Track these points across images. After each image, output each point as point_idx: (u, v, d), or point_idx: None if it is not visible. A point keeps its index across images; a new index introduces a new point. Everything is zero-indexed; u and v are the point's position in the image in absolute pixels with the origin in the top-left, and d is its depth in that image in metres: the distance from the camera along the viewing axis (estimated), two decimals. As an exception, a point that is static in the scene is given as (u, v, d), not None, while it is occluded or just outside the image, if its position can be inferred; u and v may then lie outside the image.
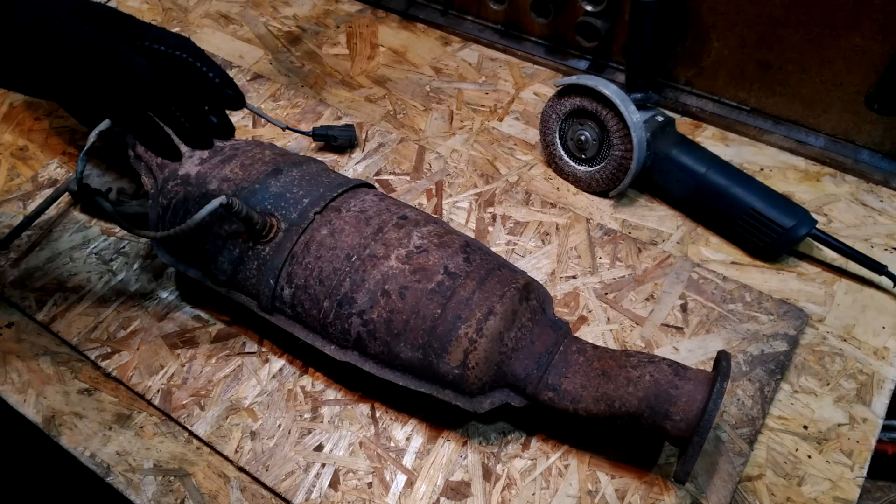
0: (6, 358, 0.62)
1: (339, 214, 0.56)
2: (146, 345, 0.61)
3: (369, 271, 0.52)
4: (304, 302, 0.54)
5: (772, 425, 0.55)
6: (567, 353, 0.51)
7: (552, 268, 0.65)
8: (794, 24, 0.66)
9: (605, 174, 0.68)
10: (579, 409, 0.50)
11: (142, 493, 0.54)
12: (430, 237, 0.54)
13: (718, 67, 0.73)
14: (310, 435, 0.56)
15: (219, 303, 0.64)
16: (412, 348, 0.51)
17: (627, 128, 0.64)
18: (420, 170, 0.73)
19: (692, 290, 0.62)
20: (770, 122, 0.73)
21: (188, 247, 0.59)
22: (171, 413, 0.57)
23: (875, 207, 0.68)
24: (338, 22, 0.92)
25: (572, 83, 0.66)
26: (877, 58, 0.64)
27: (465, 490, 0.52)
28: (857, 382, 0.57)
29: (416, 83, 0.83)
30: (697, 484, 0.52)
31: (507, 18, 0.85)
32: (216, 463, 0.55)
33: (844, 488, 0.51)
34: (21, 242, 0.69)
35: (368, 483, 0.53)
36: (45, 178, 0.75)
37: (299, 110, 0.80)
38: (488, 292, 0.51)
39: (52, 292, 0.65)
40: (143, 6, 0.96)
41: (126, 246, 0.69)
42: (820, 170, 0.71)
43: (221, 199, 0.51)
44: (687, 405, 0.47)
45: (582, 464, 0.53)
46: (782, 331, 0.59)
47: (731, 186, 0.64)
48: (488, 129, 0.77)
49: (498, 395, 0.52)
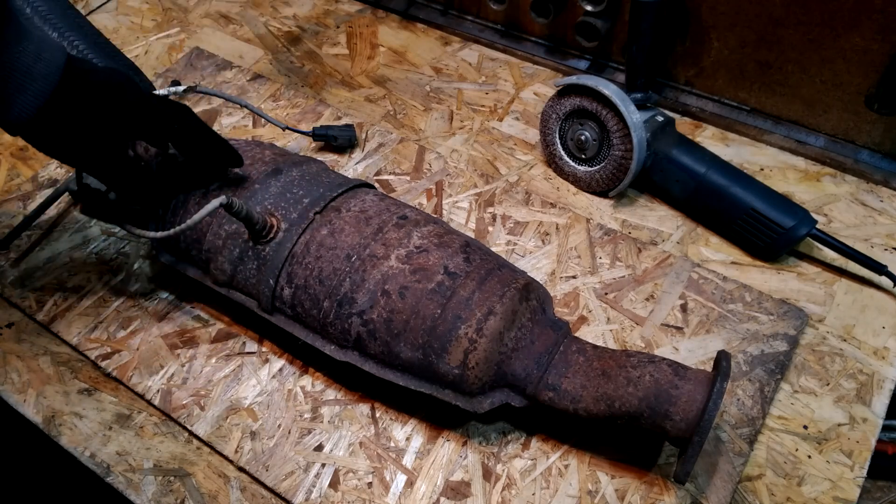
0: (6, 358, 0.62)
1: (339, 214, 0.56)
2: (146, 345, 0.61)
3: (369, 271, 0.52)
4: (304, 302, 0.54)
5: (772, 425, 0.55)
6: (567, 353, 0.51)
7: (552, 268, 0.65)
8: (793, 24, 0.66)
9: (605, 174, 0.68)
10: (579, 409, 0.50)
11: (142, 493, 0.54)
12: (430, 237, 0.54)
13: (718, 67, 0.73)
14: (310, 435, 0.56)
15: (219, 303, 0.64)
16: (412, 348, 0.51)
17: (627, 128, 0.64)
18: (420, 170, 0.73)
19: (692, 290, 0.62)
20: (770, 122, 0.73)
21: (188, 247, 0.59)
22: (171, 413, 0.57)
23: (875, 207, 0.68)
24: (338, 22, 0.92)
25: (572, 83, 0.66)
26: (877, 58, 0.64)
27: (465, 490, 0.52)
28: (857, 382, 0.57)
29: (416, 83, 0.83)
30: (697, 484, 0.52)
31: (507, 18, 0.85)
32: (216, 463, 0.55)
33: (844, 488, 0.51)
34: (21, 242, 0.69)
35: (368, 483, 0.53)
36: (45, 178, 0.75)
37: (299, 110, 0.80)
38: (488, 292, 0.51)
39: (52, 292, 0.65)
40: (143, 6, 0.96)
41: (126, 246, 0.69)
42: (820, 170, 0.71)
43: (221, 199, 0.51)
44: (687, 405, 0.47)
45: (582, 464, 0.53)
46: (782, 331, 0.59)
47: (730, 186, 0.64)
48: (488, 129, 0.77)
49: (498, 395, 0.52)
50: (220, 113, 0.80)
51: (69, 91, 0.46)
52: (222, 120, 0.79)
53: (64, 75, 0.46)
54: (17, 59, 0.44)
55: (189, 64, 0.86)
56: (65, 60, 0.46)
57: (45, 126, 0.47)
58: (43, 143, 0.48)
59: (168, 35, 0.91)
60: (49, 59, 0.45)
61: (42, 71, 0.45)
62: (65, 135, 0.48)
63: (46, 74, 0.45)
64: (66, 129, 0.47)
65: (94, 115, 0.48)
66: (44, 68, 0.45)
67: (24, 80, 0.44)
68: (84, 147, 0.49)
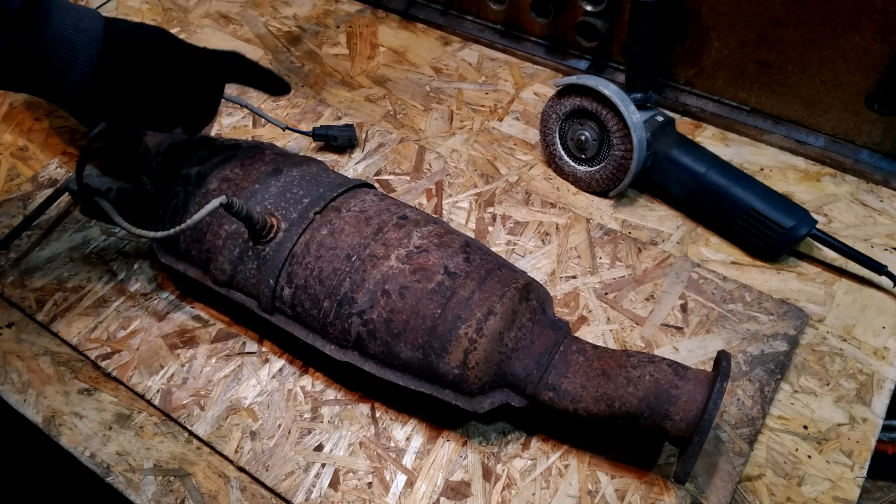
0: (6, 358, 0.62)
1: (339, 214, 0.56)
2: (146, 345, 0.61)
3: (369, 271, 0.52)
4: (305, 302, 0.54)
5: (772, 425, 0.55)
6: (567, 353, 0.51)
7: (552, 268, 0.65)
8: (793, 24, 0.66)
9: (605, 174, 0.68)
10: (579, 409, 0.50)
11: (142, 493, 0.54)
12: (430, 237, 0.54)
13: (718, 67, 0.73)
14: (310, 435, 0.56)
15: (219, 303, 0.64)
16: (412, 348, 0.51)
17: (627, 128, 0.64)
18: (420, 170, 0.73)
19: (692, 290, 0.62)
20: (770, 122, 0.73)
21: (188, 247, 0.59)
22: (171, 413, 0.57)
23: (875, 207, 0.68)
24: (338, 22, 0.92)
25: (572, 83, 0.66)
26: (877, 58, 0.64)
27: (465, 490, 0.52)
28: (857, 382, 0.57)
29: (416, 83, 0.83)
30: (697, 484, 0.52)
31: (507, 18, 0.85)
32: (216, 463, 0.55)
33: (844, 488, 0.51)
34: (21, 242, 0.69)
35: (368, 483, 0.53)
36: (45, 178, 0.75)
37: (299, 110, 0.80)
38: (488, 292, 0.51)
39: (52, 292, 0.65)
40: (143, 6, 0.96)
41: (126, 246, 0.69)
42: (820, 170, 0.71)
43: (221, 199, 0.51)
44: (687, 405, 0.47)
45: (582, 464, 0.53)
46: (782, 331, 0.59)
47: (730, 186, 0.64)
48: (488, 129, 0.77)
49: (498, 395, 0.52)
50: (219, 113, 0.80)
51: (114, 54, 0.47)
52: (222, 120, 0.79)
53: (105, 41, 0.46)
54: (58, 33, 0.44)
55: (189, 64, 0.86)
56: (103, 27, 0.47)
57: (99, 93, 0.47)
58: (105, 111, 0.49)
59: (168, 35, 0.91)
60: (88, 27, 0.46)
61: (83, 40, 0.45)
62: (121, 97, 0.48)
63: (88, 43, 0.45)
64: (120, 91, 0.48)
65: (145, 70, 0.49)
66: (84, 38, 0.45)
67: (69, 55, 0.45)
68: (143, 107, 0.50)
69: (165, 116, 0.52)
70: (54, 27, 0.44)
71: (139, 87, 0.49)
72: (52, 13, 0.44)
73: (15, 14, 0.42)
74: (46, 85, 0.45)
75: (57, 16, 0.44)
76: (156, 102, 0.50)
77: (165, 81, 0.50)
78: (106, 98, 0.48)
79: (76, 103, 0.47)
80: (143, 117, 0.51)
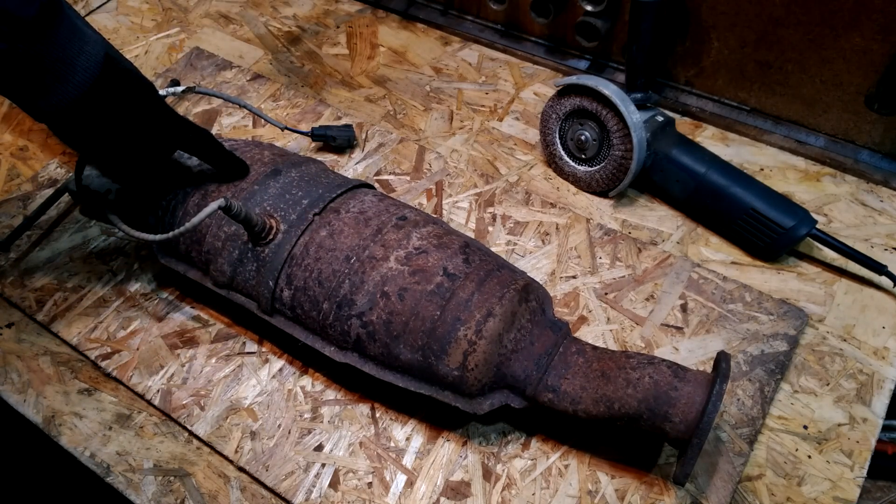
0: (6, 358, 0.62)
1: (338, 216, 0.56)
2: (146, 345, 0.61)
3: (368, 273, 0.52)
4: (304, 303, 0.54)
5: (772, 425, 0.55)
6: (566, 355, 0.51)
7: (552, 268, 0.65)
8: (793, 24, 0.66)
9: (605, 174, 0.68)
10: (579, 410, 0.50)
11: (142, 493, 0.54)
12: (430, 238, 0.54)
13: (718, 67, 0.73)
14: (310, 435, 0.56)
15: (219, 303, 0.64)
16: (411, 350, 0.51)
17: (627, 128, 0.64)
18: (420, 170, 0.73)
19: (692, 290, 0.62)
20: (770, 122, 0.73)
21: (188, 248, 0.59)
22: (171, 413, 0.57)
23: (875, 207, 0.68)
24: (338, 22, 0.92)
25: (572, 83, 0.66)
26: (877, 58, 0.64)
27: (465, 490, 0.53)
28: (857, 382, 0.57)
29: (416, 83, 0.83)
30: (697, 484, 0.52)
31: (507, 18, 0.85)
32: (216, 463, 0.55)
33: (844, 488, 0.51)
34: (21, 242, 0.69)
35: (368, 483, 0.53)
36: (45, 178, 0.75)
37: (299, 110, 0.80)
38: (487, 294, 0.51)
39: (52, 292, 0.65)
40: (143, 6, 0.96)
41: (126, 246, 0.69)
42: (820, 170, 0.71)
43: (220, 202, 0.51)
44: (686, 407, 0.47)
45: (582, 464, 0.53)
46: (782, 331, 0.59)
47: (730, 186, 0.64)
48: (488, 129, 0.77)
49: (497, 396, 0.52)
50: (219, 113, 0.80)
51: (105, 85, 0.48)
52: (222, 120, 0.79)
53: (103, 70, 0.47)
54: (63, 50, 0.45)
55: (189, 64, 0.86)
56: (104, 56, 0.47)
57: (74, 116, 0.48)
58: (65, 133, 0.50)
59: (168, 35, 0.91)
60: (91, 52, 0.47)
61: (83, 64, 0.46)
62: (90, 126, 0.49)
63: (87, 67, 0.46)
64: (92, 122, 0.49)
65: (123, 110, 0.50)
66: (85, 62, 0.46)
67: (66, 71, 0.46)
68: (104, 141, 0.51)
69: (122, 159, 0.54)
70: (60, 44, 0.45)
71: (112, 122, 0.50)
72: (61, 31, 0.45)
73: (27, 23, 0.43)
74: (34, 95, 0.46)
75: (65, 35, 0.45)
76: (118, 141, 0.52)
77: (138, 124, 0.52)
78: (78, 124, 0.49)
79: (53, 120, 0.48)
80: (104, 151, 0.53)
